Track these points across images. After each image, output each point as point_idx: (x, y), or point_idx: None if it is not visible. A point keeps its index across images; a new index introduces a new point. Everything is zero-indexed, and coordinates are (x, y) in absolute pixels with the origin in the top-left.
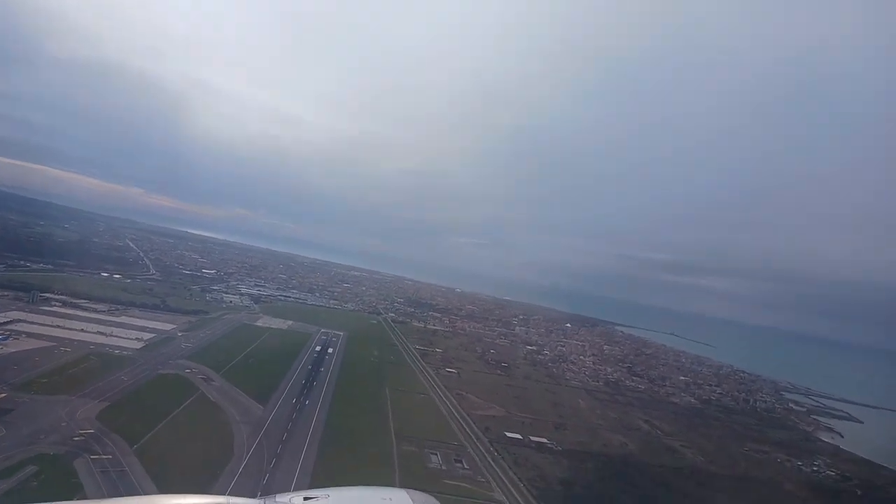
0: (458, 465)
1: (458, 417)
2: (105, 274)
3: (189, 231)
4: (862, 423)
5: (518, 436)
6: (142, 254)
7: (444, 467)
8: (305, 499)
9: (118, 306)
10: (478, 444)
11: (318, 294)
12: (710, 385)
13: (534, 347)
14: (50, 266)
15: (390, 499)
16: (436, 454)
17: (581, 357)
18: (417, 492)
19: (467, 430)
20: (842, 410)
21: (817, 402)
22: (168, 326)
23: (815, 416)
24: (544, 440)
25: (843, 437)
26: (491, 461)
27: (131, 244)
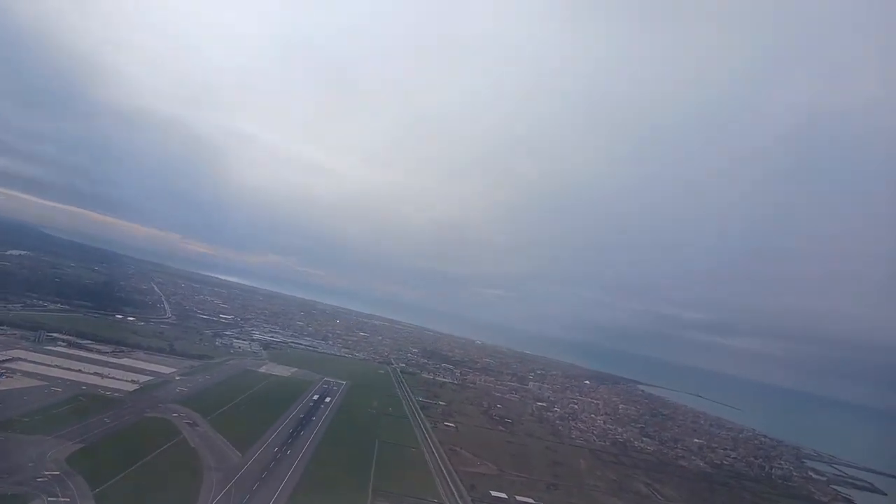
0: None
1: (445, 473)
2: (120, 316)
3: (219, 277)
4: (885, 494)
5: (503, 495)
6: (163, 297)
7: None
8: None
9: (123, 348)
10: (459, 502)
11: (331, 342)
12: (726, 449)
13: (544, 404)
14: (67, 307)
15: None
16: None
17: (592, 416)
18: None
19: (451, 487)
20: (865, 481)
21: (840, 471)
22: (168, 370)
23: (834, 486)
24: (531, 501)
25: None
26: None
27: (156, 288)
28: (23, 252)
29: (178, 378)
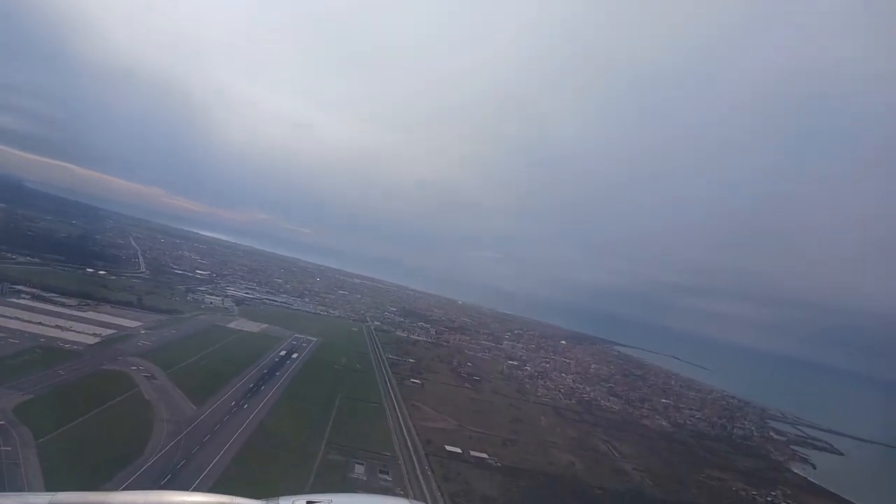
0: (382, 476)
1: (403, 428)
2: (91, 270)
3: (201, 233)
4: (843, 455)
5: (458, 450)
6: (139, 252)
7: (364, 478)
8: (308, 502)
9: (89, 302)
10: (413, 456)
11: (307, 299)
12: (691, 409)
13: (515, 362)
14: (37, 260)
15: None
16: (362, 464)
17: (562, 375)
18: (417, 502)
19: (407, 441)
20: (826, 442)
21: (803, 432)
22: (133, 324)
23: (793, 447)
24: (485, 456)
25: (815, 468)
26: (419, 474)
27: (133, 242)
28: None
29: (142, 332)
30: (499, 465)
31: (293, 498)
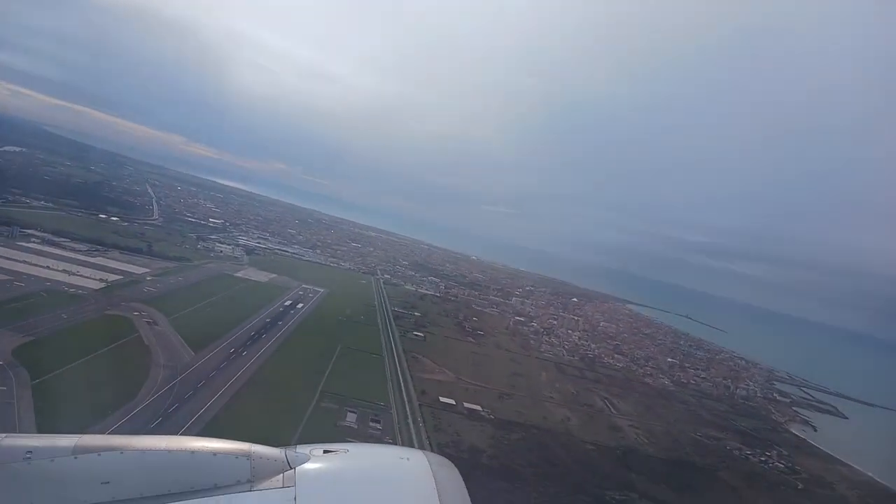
0: (374, 424)
1: (400, 379)
2: (103, 216)
3: (219, 181)
4: (846, 418)
5: (451, 401)
6: (154, 199)
7: (355, 426)
8: (325, 451)
9: (98, 247)
10: (406, 406)
11: (319, 251)
12: (697, 369)
13: (522, 318)
14: (51, 205)
15: (407, 458)
16: (354, 412)
17: (569, 331)
18: (434, 454)
19: (402, 392)
20: (830, 405)
21: (809, 394)
22: (140, 270)
23: (796, 409)
24: (478, 408)
25: (815, 430)
26: (410, 423)
27: (150, 189)
28: (18, 149)
29: (148, 278)
30: (492, 417)
31: (310, 446)
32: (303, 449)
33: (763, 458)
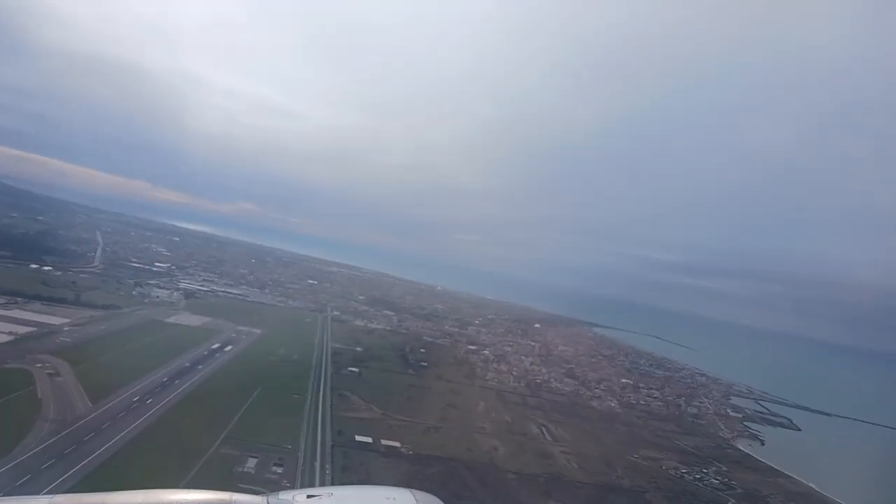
0: (275, 468)
1: (318, 419)
2: (35, 266)
3: (182, 225)
4: (799, 430)
5: (369, 439)
6: (100, 247)
7: (254, 472)
8: (309, 496)
9: (18, 299)
10: (317, 447)
11: (269, 290)
12: (651, 389)
13: (474, 347)
14: None
15: (393, 498)
16: (256, 458)
17: (522, 357)
18: (421, 492)
19: (318, 432)
20: (786, 417)
21: (766, 408)
22: (59, 321)
23: (748, 423)
24: (397, 444)
25: (763, 444)
26: (316, 465)
27: (99, 237)
28: None
29: (66, 329)
30: (410, 453)
31: (293, 492)
32: (286, 495)
33: (698, 477)
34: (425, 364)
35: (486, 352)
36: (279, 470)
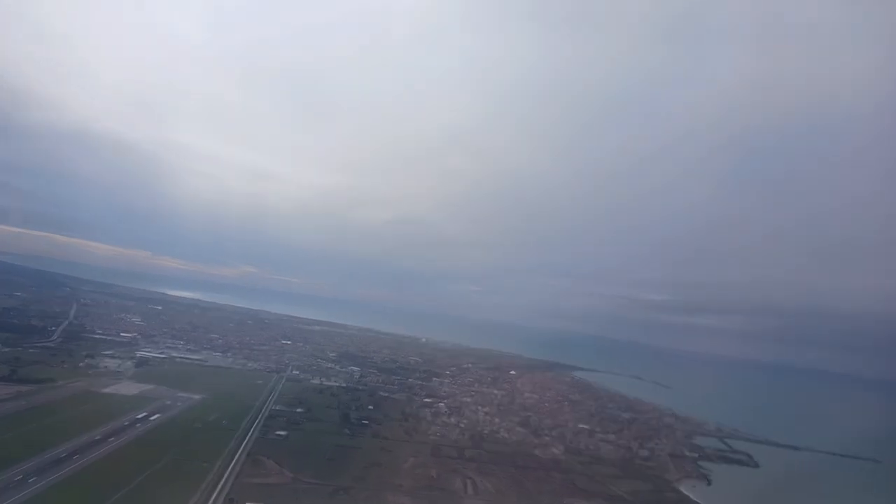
0: None
1: (216, 486)
2: None
3: (170, 293)
4: (757, 467)
5: None
6: (67, 320)
7: None
8: None
9: None
10: None
11: (231, 354)
12: (608, 433)
13: (431, 400)
14: None
15: None
16: None
17: (479, 408)
18: None
19: (208, 501)
20: (747, 454)
21: (728, 446)
22: None
23: (701, 463)
24: None
25: (709, 484)
26: None
27: (72, 310)
28: None
29: None
30: None
31: None
32: None
33: None
34: (366, 422)
35: (441, 404)
36: None
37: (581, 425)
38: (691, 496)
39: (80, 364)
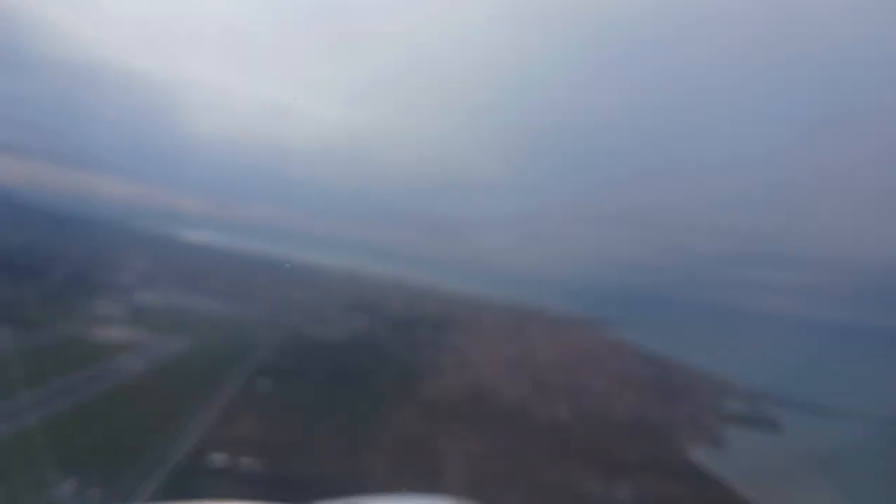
0: None
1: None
2: None
3: (189, 236)
4: (782, 433)
5: None
6: (69, 263)
7: None
8: None
9: None
10: None
11: (231, 302)
12: (625, 394)
13: (432, 354)
14: None
15: None
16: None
17: (486, 365)
18: (465, 501)
19: None
20: (774, 418)
21: (757, 409)
22: None
23: (721, 427)
24: None
25: (720, 450)
26: None
27: (77, 252)
28: None
29: None
30: None
31: (334, 502)
32: None
33: (606, 489)
34: (353, 376)
35: (444, 359)
36: None
37: (598, 385)
38: (697, 461)
39: (70, 310)
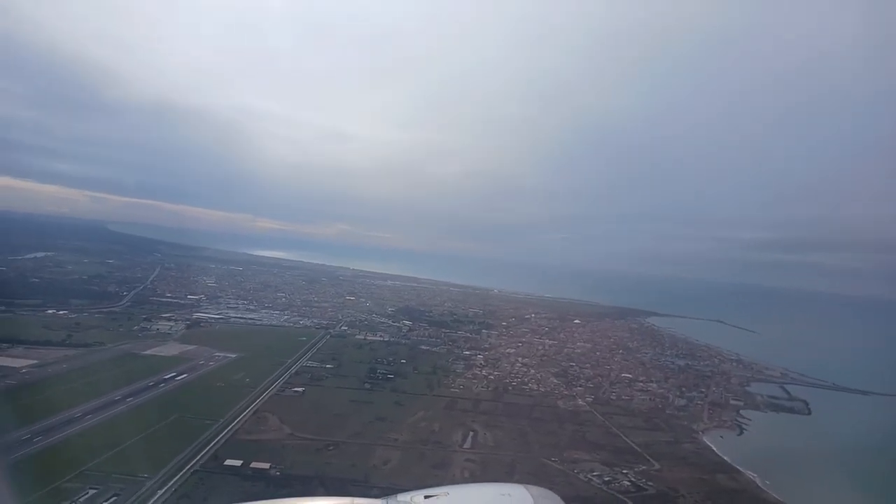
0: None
1: (207, 445)
2: (52, 311)
3: (258, 253)
4: (809, 415)
5: (238, 462)
6: (143, 285)
7: None
8: (426, 497)
9: (3, 345)
10: (177, 474)
11: (288, 312)
12: (651, 382)
13: (470, 352)
14: (2, 308)
15: (509, 494)
16: (97, 489)
17: (519, 359)
18: (536, 487)
19: (191, 458)
20: (803, 401)
21: (785, 392)
22: (22, 363)
23: (745, 411)
24: (267, 466)
25: (740, 434)
26: (160, 492)
27: (152, 275)
28: (43, 254)
29: (22, 371)
30: (276, 474)
31: (411, 493)
32: (403, 497)
33: (610, 478)
34: (391, 376)
35: (479, 356)
36: (111, 501)
37: (624, 374)
38: (713, 447)
39: (135, 327)
